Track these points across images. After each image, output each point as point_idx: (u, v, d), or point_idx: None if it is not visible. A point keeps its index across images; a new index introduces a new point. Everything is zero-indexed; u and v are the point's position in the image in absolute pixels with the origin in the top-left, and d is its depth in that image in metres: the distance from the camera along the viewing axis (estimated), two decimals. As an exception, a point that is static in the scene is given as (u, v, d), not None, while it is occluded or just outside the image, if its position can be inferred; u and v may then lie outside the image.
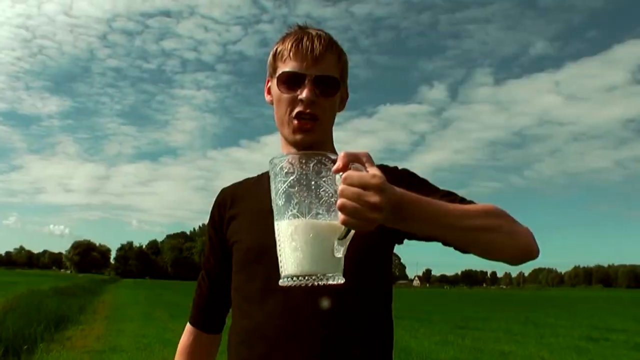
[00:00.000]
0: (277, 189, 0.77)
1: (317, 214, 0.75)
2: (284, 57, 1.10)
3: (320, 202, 0.75)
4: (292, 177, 0.75)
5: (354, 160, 0.74)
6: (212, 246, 1.25)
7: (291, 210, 0.75)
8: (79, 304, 15.69)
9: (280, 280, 0.78)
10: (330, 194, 0.75)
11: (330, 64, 1.09)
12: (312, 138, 1.08)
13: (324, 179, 0.75)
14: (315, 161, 0.75)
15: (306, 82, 1.07)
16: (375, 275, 1.09)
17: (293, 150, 1.10)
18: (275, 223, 0.79)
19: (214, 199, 1.26)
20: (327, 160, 0.76)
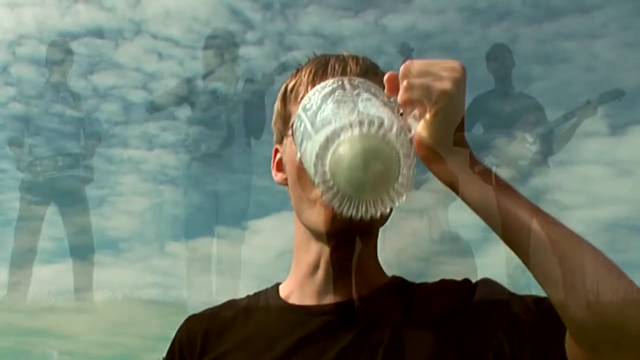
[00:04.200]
0: (318, 107, 0.69)
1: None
2: (301, 96, 0.81)
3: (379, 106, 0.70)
4: (337, 90, 0.71)
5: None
6: None
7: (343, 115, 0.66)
8: None
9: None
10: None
11: None
12: (358, 223, 0.70)
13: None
14: (363, 83, 0.74)
15: None
16: None
17: (319, 244, 0.83)
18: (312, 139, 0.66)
19: (174, 334, 0.97)
20: (377, 89, 0.74)
